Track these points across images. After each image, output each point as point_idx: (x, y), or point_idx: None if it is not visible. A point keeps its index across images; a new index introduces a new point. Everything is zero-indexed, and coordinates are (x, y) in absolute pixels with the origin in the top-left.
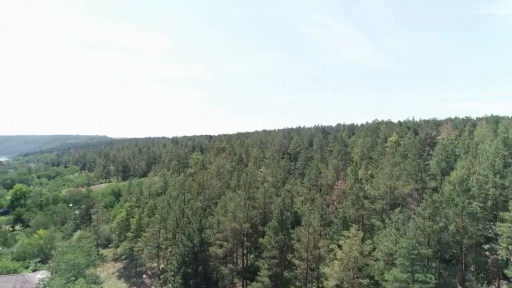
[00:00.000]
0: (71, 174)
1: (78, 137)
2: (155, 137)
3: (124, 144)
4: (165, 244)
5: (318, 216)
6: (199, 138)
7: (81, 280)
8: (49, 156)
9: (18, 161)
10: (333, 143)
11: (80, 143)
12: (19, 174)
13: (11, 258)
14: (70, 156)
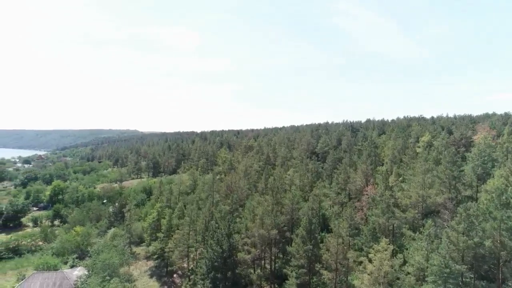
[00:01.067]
0: (105, 170)
1: (111, 131)
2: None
3: (154, 139)
4: (195, 246)
5: (347, 226)
6: (227, 134)
7: (116, 280)
8: (84, 151)
9: (56, 155)
10: (362, 142)
11: (113, 137)
12: (57, 169)
13: (51, 253)
14: (103, 151)
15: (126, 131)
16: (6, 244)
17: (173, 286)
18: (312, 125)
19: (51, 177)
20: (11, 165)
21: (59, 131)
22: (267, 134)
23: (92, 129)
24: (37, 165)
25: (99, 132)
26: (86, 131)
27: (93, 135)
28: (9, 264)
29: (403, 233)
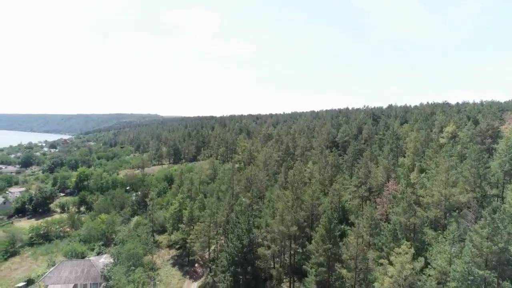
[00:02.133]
0: (127, 155)
1: (132, 115)
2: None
3: (174, 124)
4: (216, 238)
5: (367, 226)
6: (246, 119)
7: (140, 269)
8: (106, 135)
9: (80, 139)
10: (383, 132)
11: (134, 121)
12: (81, 154)
13: (79, 240)
14: (125, 136)
15: (147, 116)
16: (36, 230)
17: (194, 276)
18: (332, 111)
19: (76, 163)
20: (38, 149)
21: (83, 116)
22: (286, 121)
23: (114, 114)
24: (62, 150)
25: (121, 117)
26: (109, 116)
27: (115, 119)
28: (40, 250)
29: (424, 232)
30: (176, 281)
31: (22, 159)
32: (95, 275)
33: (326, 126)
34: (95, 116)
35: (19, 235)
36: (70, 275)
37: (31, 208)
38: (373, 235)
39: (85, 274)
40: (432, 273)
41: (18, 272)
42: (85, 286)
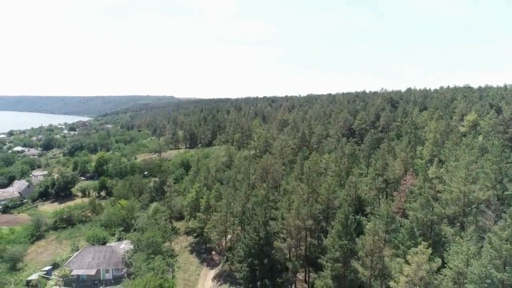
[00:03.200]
0: (144, 139)
1: (148, 97)
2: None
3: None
4: (232, 228)
5: (383, 223)
6: (261, 102)
7: (159, 257)
8: (123, 118)
9: (98, 121)
10: (401, 119)
11: (150, 104)
12: (100, 137)
13: (100, 225)
14: (142, 119)
15: (163, 98)
16: (60, 215)
17: (212, 263)
18: (349, 95)
19: (95, 146)
20: (58, 132)
21: (100, 98)
22: (303, 105)
23: (130, 96)
24: (81, 133)
25: (137, 99)
26: (125, 97)
27: (132, 101)
28: (63, 234)
29: (442, 229)
30: (194, 268)
31: (44, 142)
32: (117, 261)
33: (343, 113)
34: (112, 98)
35: (44, 219)
36: (93, 261)
37: (53, 192)
38: (389, 232)
39: (107, 259)
40: (448, 273)
41: (44, 256)
42: (107, 271)
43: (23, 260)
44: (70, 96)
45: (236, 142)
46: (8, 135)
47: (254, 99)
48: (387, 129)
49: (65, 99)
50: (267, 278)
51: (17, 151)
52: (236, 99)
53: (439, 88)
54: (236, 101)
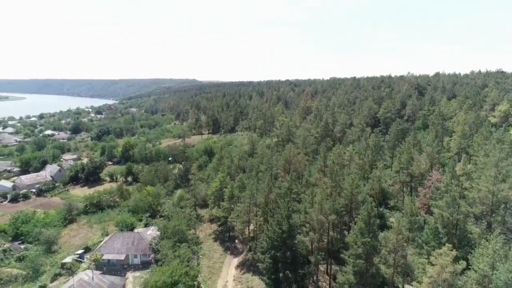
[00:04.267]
0: (168, 124)
1: (171, 80)
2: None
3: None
4: (255, 220)
5: (407, 221)
6: (284, 86)
7: (185, 245)
8: (147, 101)
9: (123, 105)
10: (428, 107)
11: (173, 87)
12: (126, 122)
13: (127, 210)
14: (165, 103)
15: (185, 81)
16: (90, 199)
17: (235, 252)
18: (374, 79)
19: (121, 131)
20: (86, 115)
21: (125, 81)
22: (326, 90)
23: (154, 79)
24: (107, 117)
25: (160, 82)
26: (149, 80)
27: (155, 84)
28: (93, 218)
29: (467, 229)
30: (218, 255)
31: (72, 126)
32: (144, 247)
33: (367, 101)
34: (136, 81)
35: (75, 203)
36: (122, 247)
37: (83, 176)
38: (413, 230)
39: (135, 245)
40: (473, 276)
41: (76, 239)
42: (136, 256)
43: (58, 243)
44: (96, 79)
45: (259, 129)
46: (39, 118)
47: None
48: (413, 117)
49: (91, 82)
50: (289, 270)
51: (47, 134)
52: (258, 83)
53: (470, 73)
54: (258, 84)
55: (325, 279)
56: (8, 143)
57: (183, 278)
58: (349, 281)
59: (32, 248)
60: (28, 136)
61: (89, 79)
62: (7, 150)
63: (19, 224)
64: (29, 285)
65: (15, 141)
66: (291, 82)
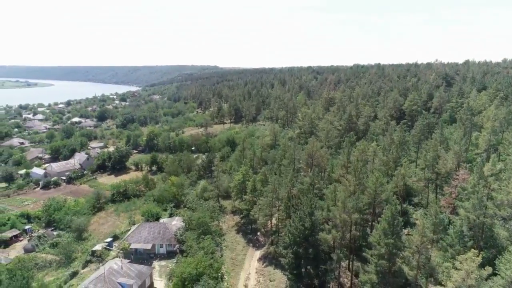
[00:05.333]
0: (190, 112)
1: (193, 67)
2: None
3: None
4: (278, 214)
5: (431, 223)
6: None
7: (209, 237)
8: (170, 88)
9: (146, 92)
10: (456, 100)
11: (195, 74)
12: (149, 110)
13: (153, 199)
14: (187, 91)
15: (207, 67)
16: (117, 188)
17: (257, 244)
18: (400, 67)
19: (145, 119)
20: (111, 102)
21: (148, 67)
22: (349, 79)
23: (176, 65)
24: (131, 104)
25: (182, 68)
26: (171, 67)
27: (177, 71)
28: (121, 207)
29: (495, 232)
30: (240, 248)
31: (98, 113)
32: (170, 237)
33: (392, 93)
34: (158, 68)
35: (103, 192)
36: (148, 236)
37: (110, 165)
38: (437, 232)
39: (161, 235)
40: (500, 282)
41: (105, 227)
42: (161, 246)
43: (87, 230)
44: (120, 66)
45: (281, 119)
46: (66, 105)
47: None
48: (440, 110)
49: (115, 69)
50: (311, 266)
51: (75, 122)
52: (280, 70)
53: (502, 61)
54: (280, 72)
55: (346, 275)
56: (38, 130)
57: (208, 270)
58: (372, 281)
59: (64, 235)
60: (57, 123)
61: (113, 66)
62: (38, 137)
63: (52, 211)
64: (62, 270)
65: (45, 128)
66: (313, 69)
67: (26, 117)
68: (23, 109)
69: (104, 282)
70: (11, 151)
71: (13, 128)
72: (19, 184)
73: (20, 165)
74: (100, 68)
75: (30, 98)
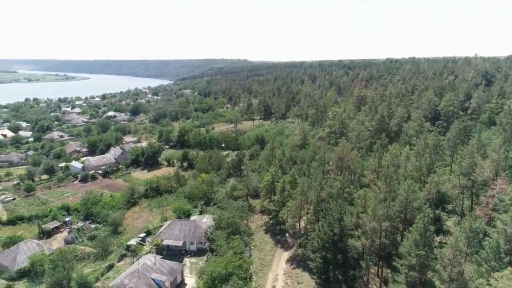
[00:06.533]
0: (220, 108)
1: (223, 61)
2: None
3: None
4: (307, 217)
5: (465, 236)
6: (337, 69)
7: (238, 236)
8: (200, 83)
9: (177, 86)
10: (497, 100)
11: (225, 67)
12: (180, 105)
13: (183, 196)
14: (217, 85)
15: (237, 61)
16: (150, 184)
17: (285, 245)
18: (436, 62)
19: (176, 114)
20: (143, 96)
21: (179, 61)
22: (382, 76)
23: (206, 59)
24: (163, 98)
25: (212, 62)
26: (201, 61)
27: (207, 64)
28: (153, 202)
29: None
30: (268, 248)
31: (132, 108)
32: (200, 235)
33: (427, 93)
34: (189, 62)
35: (137, 187)
36: (179, 233)
37: (143, 160)
38: (471, 247)
39: (191, 233)
40: None
41: (139, 222)
42: (192, 243)
43: (122, 225)
44: (152, 60)
45: (310, 118)
46: (102, 98)
47: (329, 63)
48: (479, 111)
49: (147, 63)
50: (339, 271)
51: (110, 116)
52: (310, 64)
53: None
54: (310, 66)
55: (375, 282)
56: (76, 123)
57: (237, 270)
58: None
59: (101, 228)
60: (93, 116)
61: (145, 60)
62: (76, 131)
63: (89, 205)
64: (99, 263)
65: (82, 122)
66: (344, 64)
67: (65, 110)
68: (62, 102)
69: (138, 277)
70: (52, 144)
71: (53, 121)
72: (59, 177)
73: (60, 158)
74: (133, 62)
75: (68, 91)
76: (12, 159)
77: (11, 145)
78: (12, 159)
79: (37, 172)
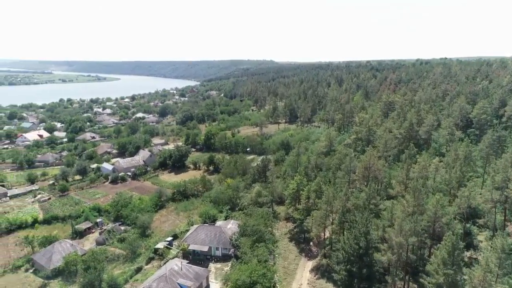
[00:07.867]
0: (246, 110)
1: (249, 62)
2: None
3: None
4: (331, 228)
5: (496, 256)
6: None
7: (263, 244)
8: (226, 84)
9: (204, 87)
10: None
11: (251, 68)
12: (207, 107)
13: (209, 200)
14: (243, 87)
15: (263, 62)
16: (177, 187)
17: (310, 254)
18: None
19: (203, 116)
20: (171, 97)
21: (206, 62)
22: (412, 79)
23: (233, 60)
24: (190, 100)
25: (238, 63)
26: (228, 62)
27: (234, 65)
28: (180, 206)
29: None
30: (293, 257)
31: (160, 109)
32: (225, 241)
33: (459, 99)
34: (215, 63)
35: (165, 190)
36: (205, 238)
37: (170, 163)
38: (502, 267)
39: (217, 238)
40: None
41: (166, 225)
42: (217, 249)
43: (150, 228)
44: (179, 61)
45: (337, 123)
46: (131, 99)
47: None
48: None
49: (175, 64)
50: (364, 286)
51: (139, 117)
52: (337, 65)
53: None
54: (337, 68)
55: None
56: (107, 124)
57: (261, 279)
58: None
59: (130, 230)
60: (123, 118)
61: (173, 61)
62: (107, 132)
63: (119, 207)
64: (128, 265)
65: (112, 123)
66: (372, 66)
67: (97, 111)
68: (94, 102)
69: (165, 282)
70: (84, 145)
71: (86, 122)
72: (91, 178)
73: (92, 159)
74: (161, 63)
75: (100, 92)
76: (47, 159)
77: (46, 145)
78: (48, 159)
79: (71, 173)
